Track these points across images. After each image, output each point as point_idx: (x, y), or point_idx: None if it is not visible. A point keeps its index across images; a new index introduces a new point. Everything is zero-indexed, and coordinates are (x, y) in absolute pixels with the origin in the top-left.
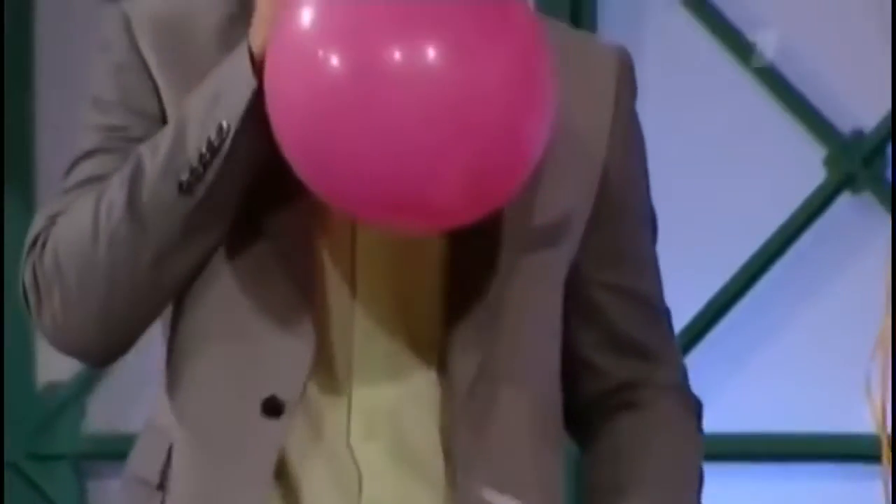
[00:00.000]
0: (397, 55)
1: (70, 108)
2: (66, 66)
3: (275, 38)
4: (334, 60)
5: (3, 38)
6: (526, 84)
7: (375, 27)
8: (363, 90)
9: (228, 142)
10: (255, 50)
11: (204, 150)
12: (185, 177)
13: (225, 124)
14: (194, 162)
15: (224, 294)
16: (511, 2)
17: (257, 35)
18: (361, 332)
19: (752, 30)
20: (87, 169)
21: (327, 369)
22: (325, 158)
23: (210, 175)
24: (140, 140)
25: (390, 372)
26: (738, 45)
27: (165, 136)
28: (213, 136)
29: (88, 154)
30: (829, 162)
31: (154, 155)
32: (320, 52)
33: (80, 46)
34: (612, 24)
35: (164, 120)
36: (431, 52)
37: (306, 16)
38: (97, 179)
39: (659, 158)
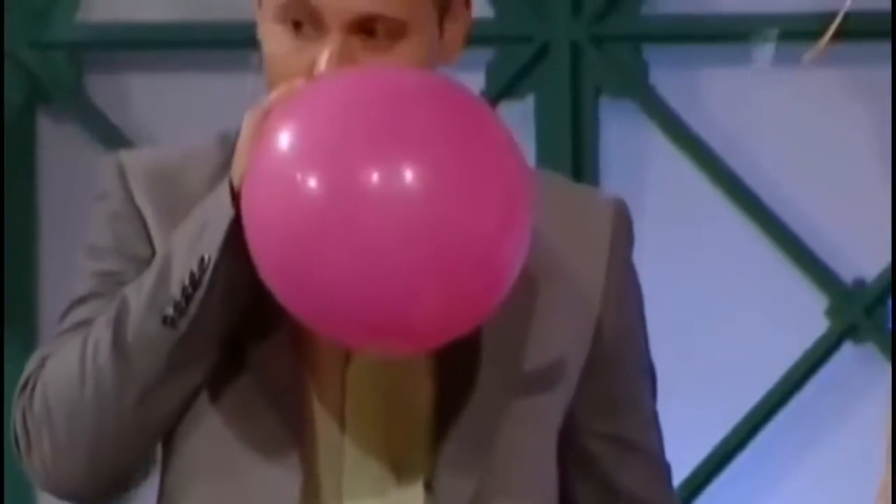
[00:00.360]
0: (375, 177)
1: (72, 255)
2: (68, 214)
3: (251, 165)
4: (311, 182)
5: (4, 185)
6: (503, 203)
7: (352, 148)
8: (340, 212)
9: (209, 273)
10: (235, 181)
11: (186, 283)
12: (169, 311)
13: (206, 257)
14: (177, 296)
15: (211, 430)
16: (488, 116)
17: (237, 167)
18: (351, 461)
19: (753, 178)
20: (80, 313)
21: (315, 498)
22: (303, 280)
23: (193, 308)
24: None
25: (380, 496)
26: (739, 193)
27: (150, 274)
28: (195, 268)
29: (82, 299)
30: (832, 312)
31: (139, 292)
32: (297, 174)
33: (83, 196)
34: (613, 175)
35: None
36: (409, 174)
37: (282, 139)
38: (89, 323)
39: (659, 308)
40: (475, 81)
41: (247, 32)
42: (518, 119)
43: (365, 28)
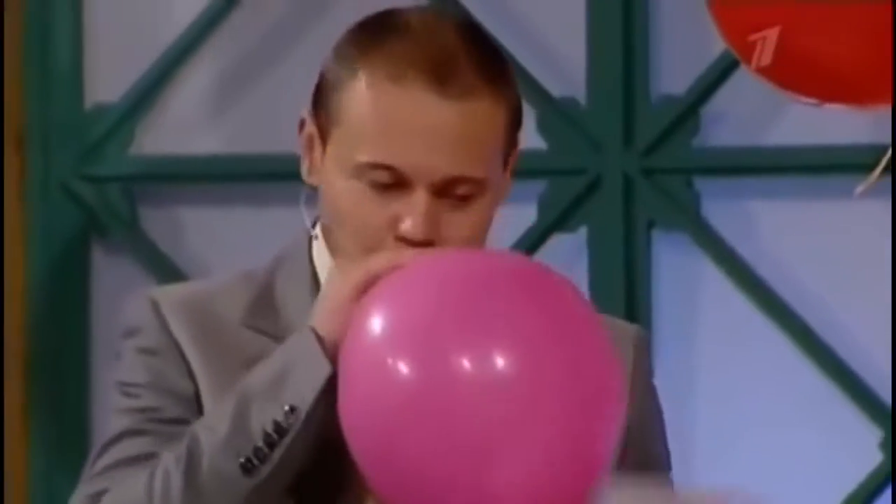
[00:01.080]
0: (468, 363)
1: None
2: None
3: (349, 340)
4: (405, 368)
5: (58, 316)
6: (601, 396)
7: (446, 334)
8: (429, 401)
9: (300, 424)
10: (326, 336)
11: (270, 429)
12: (249, 457)
13: (294, 406)
14: (259, 441)
15: None
16: (582, 303)
17: (327, 322)
18: None
19: (806, 310)
20: (119, 451)
21: None
22: (390, 464)
23: (276, 455)
24: (175, 421)
25: None
26: (792, 324)
27: (223, 416)
28: (281, 417)
29: (119, 437)
30: (886, 445)
31: (212, 433)
32: (390, 360)
33: None
34: (666, 306)
35: (198, 399)
36: (502, 360)
37: (379, 321)
38: (133, 461)
39: (711, 437)
40: (527, 214)
41: (296, 165)
42: (570, 251)
43: (448, 188)
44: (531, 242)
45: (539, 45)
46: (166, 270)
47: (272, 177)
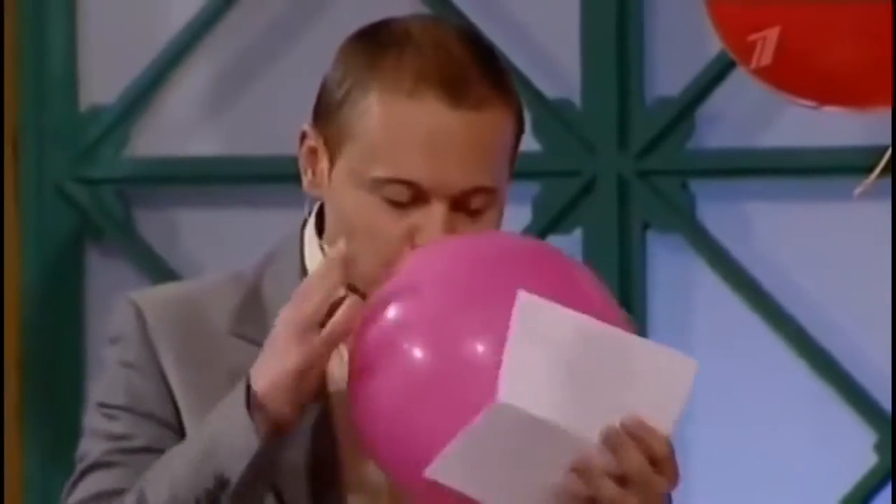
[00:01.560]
0: (478, 345)
1: None
2: None
3: (363, 329)
4: (418, 353)
5: (52, 318)
6: None
7: (458, 324)
8: (447, 380)
9: (230, 490)
10: (262, 392)
11: (203, 500)
12: None
13: (224, 479)
14: None
15: None
16: (586, 274)
17: (261, 377)
18: None
19: (801, 312)
20: (91, 485)
21: None
22: (408, 451)
23: None
24: (146, 450)
25: None
26: (787, 327)
27: (162, 480)
28: (212, 487)
29: (91, 468)
30: (880, 447)
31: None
32: (403, 344)
33: None
34: (661, 308)
35: (178, 416)
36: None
37: (391, 309)
38: (102, 497)
39: (705, 439)
40: (522, 215)
41: (292, 167)
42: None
43: (464, 199)
44: None
45: (533, 47)
46: (161, 273)
47: (267, 179)
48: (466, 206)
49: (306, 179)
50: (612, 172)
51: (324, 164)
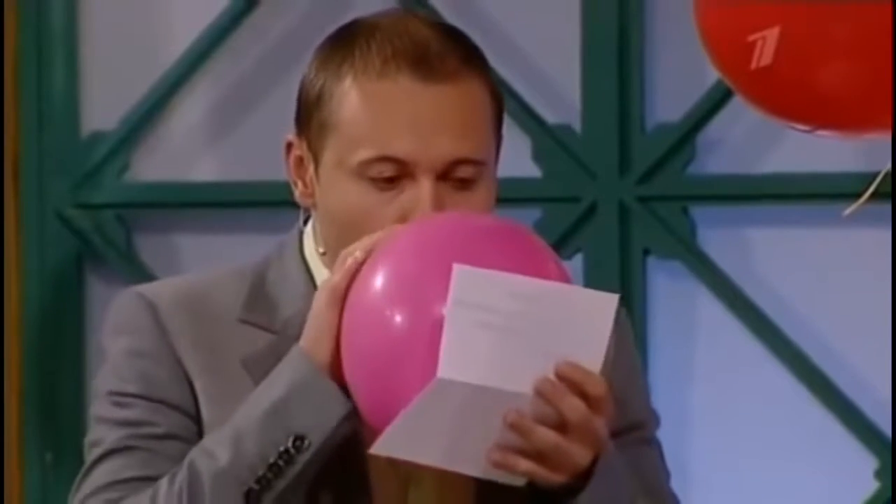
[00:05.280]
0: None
1: None
2: None
3: (351, 296)
4: (396, 315)
5: (53, 343)
6: None
7: (429, 284)
8: (421, 342)
9: (308, 454)
10: (320, 360)
11: (273, 459)
12: (251, 485)
13: (300, 435)
14: (261, 470)
15: None
16: (547, 253)
17: (314, 342)
18: None
19: (802, 337)
20: (109, 471)
21: None
22: (390, 404)
23: (280, 483)
24: (167, 437)
25: None
26: (788, 352)
27: (222, 442)
28: (290, 446)
29: (109, 454)
30: (881, 473)
31: (211, 460)
32: (385, 309)
33: None
34: (661, 334)
35: (196, 403)
36: None
37: (375, 278)
38: (124, 484)
39: (707, 464)
40: None
41: (292, 193)
42: None
43: (450, 172)
44: None
45: (534, 73)
46: None
47: (267, 204)
48: (453, 179)
49: (297, 191)
50: (612, 198)
51: (311, 169)
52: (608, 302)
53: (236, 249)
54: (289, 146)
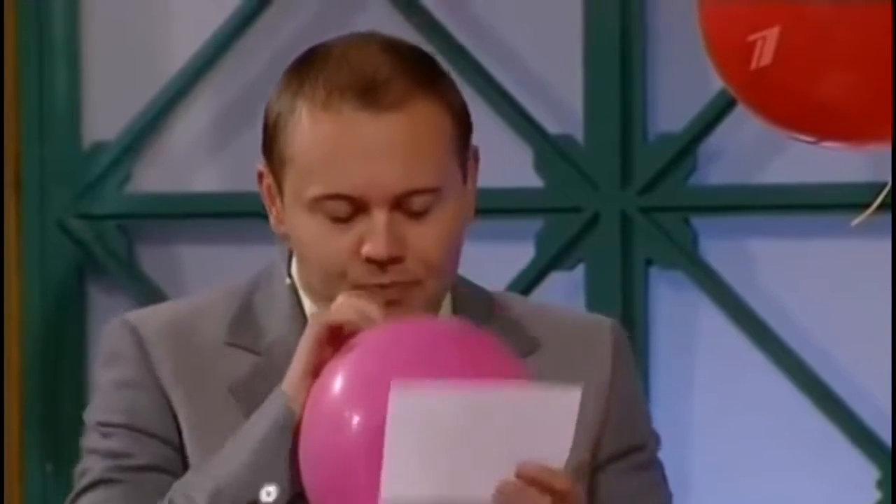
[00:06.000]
0: None
1: None
2: None
3: (313, 393)
4: (353, 418)
5: (56, 354)
6: None
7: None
8: (378, 442)
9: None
10: (295, 406)
11: None
12: None
13: (272, 493)
14: None
15: None
16: (505, 356)
17: (294, 388)
18: None
19: (803, 348)
20: (92, 502)
21: None
22: (345, 497)
23: None
24: (148, 468)
25: None
26: (790, 362)
27: (203, 490)
28: (261, 499)
29: (93, 485)
30: (883, 484)
31: None
32: (343, 411)
33: None
34: (664, 344)
35: (179, 434)
36: None
37: (337, 378)
38: None
39: (708, 474)
40: (524, 252)
41: None
42: (568, 289)
43: (403, 203)
44: (529, 280)
45: (536, 83)
46: None
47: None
48: (408, 210)
49: (271, 218)
50: (614, 208)
51: (279, 199)
52: (570, 398)
53: (238, 260)
54: (260, 175)
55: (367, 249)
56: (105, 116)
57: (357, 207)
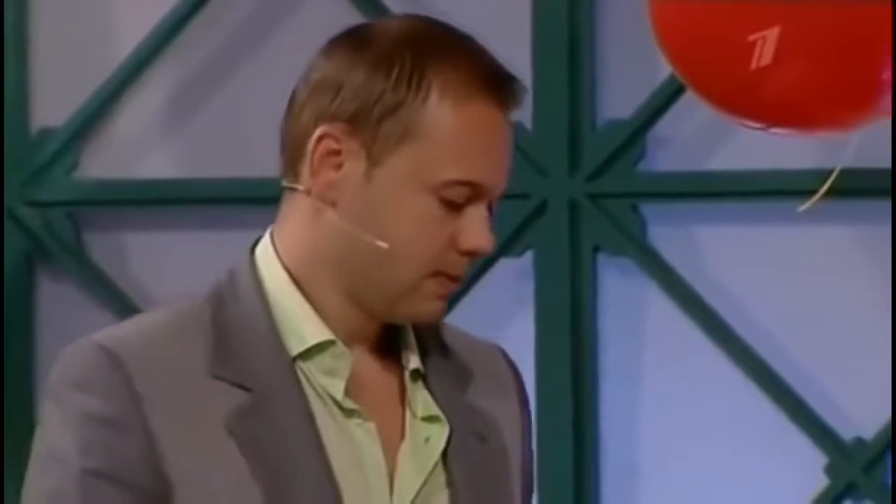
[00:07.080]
0: None
1: None
2: None
3: None
4: None
5: (2, 341)
6: None
7: None
8: None
9: None
10: None
11: None
12: None
13: None
14: None
15: None
16: None
17: None
18: None
19: (752, 335)
20: None
21: None
22: None
23: None
24: None
25: None
26: (738, 350)
27: None
28: None
29: None
30: (831, 469)
31: None
32: None
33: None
34: (612, 331)
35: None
36: None
37: None
38: None
39: (658, 463)
40: None
41: (242, 190)
42: (516, 276)
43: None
44: (477, 267)
45: None
46: (111, 296)
47: (218, 201)
48: (491, 207)
49: (318, 181)
50: (562, 195)
51: (352, 168)
52: None
53: (187, 247)
54: (321, 138)
55: (474, 242)
56: (53, 102)
57: (470, 197)
